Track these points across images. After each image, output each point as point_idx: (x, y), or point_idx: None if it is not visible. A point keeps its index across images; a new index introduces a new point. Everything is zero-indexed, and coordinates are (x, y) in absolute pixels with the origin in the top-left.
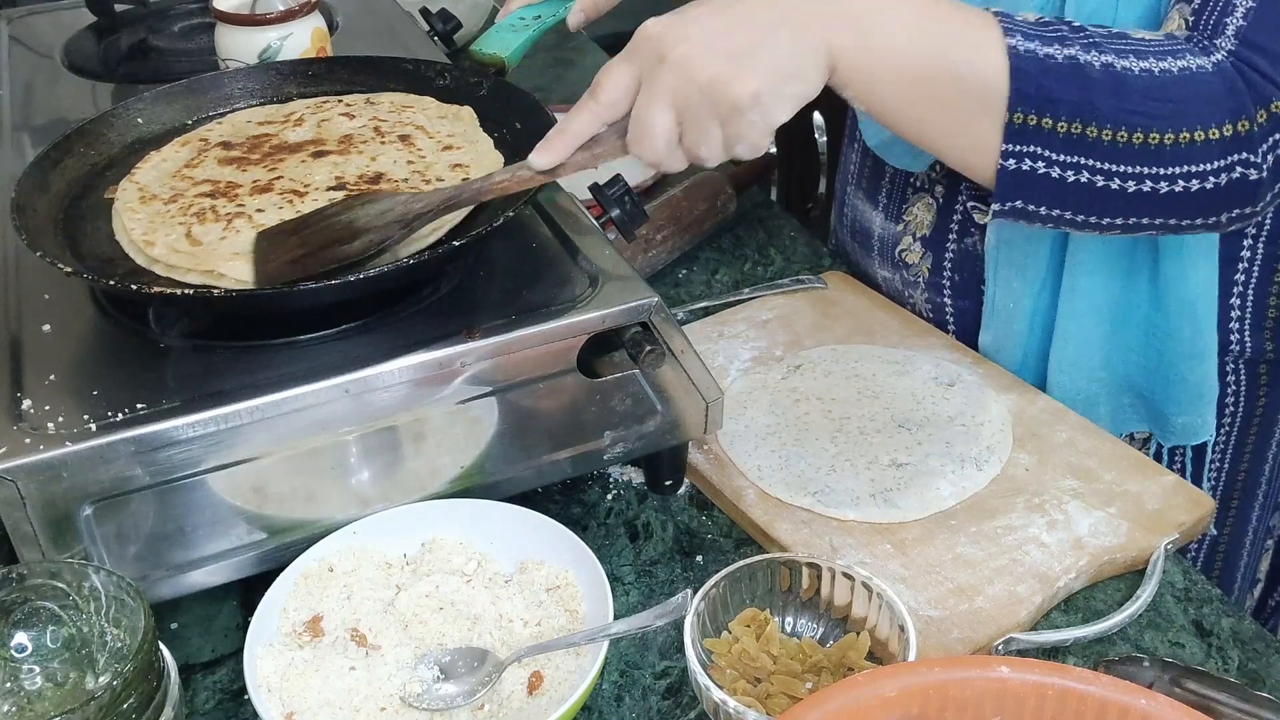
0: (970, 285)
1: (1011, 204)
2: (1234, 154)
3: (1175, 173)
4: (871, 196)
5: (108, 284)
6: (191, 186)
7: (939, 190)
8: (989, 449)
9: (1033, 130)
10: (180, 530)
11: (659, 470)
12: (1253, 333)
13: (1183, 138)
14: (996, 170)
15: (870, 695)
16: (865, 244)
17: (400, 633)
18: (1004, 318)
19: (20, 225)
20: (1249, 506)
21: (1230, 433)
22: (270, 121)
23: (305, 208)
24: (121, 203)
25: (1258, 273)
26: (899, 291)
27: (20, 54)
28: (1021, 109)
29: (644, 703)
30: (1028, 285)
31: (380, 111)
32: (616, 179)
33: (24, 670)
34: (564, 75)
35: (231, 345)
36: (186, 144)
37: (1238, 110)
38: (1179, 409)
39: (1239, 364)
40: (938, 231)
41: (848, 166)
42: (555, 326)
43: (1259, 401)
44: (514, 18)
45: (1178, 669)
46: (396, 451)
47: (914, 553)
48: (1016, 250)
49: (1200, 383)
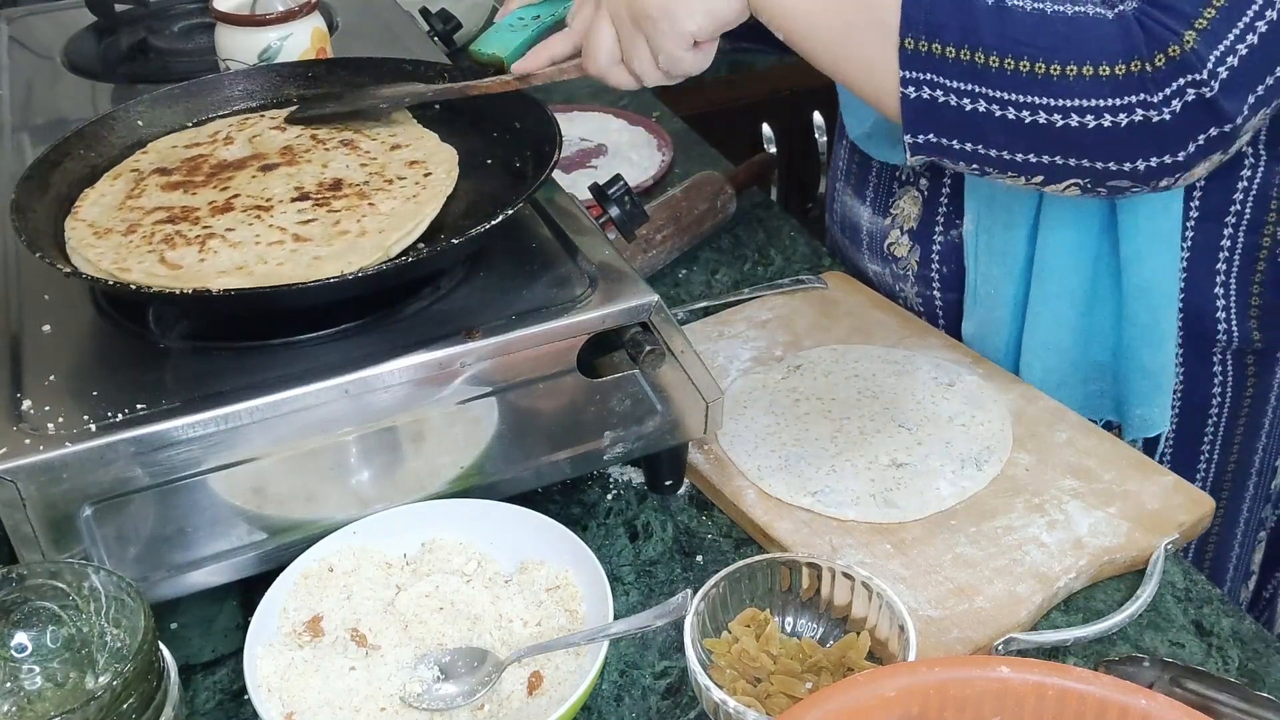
0: (957, 277)
1: (924, 136)
2: (1129, 94)
3: (1068, 105)
4: (859, 191)
5: (108, 284)
6: (144, 216)
7: (923, 183)
8: (989, 449)
9: (925, 56)
10: (180, 531)
11: (659, 470)
12: (1239, 322)
13: (1069, 70)
14: (899, 99)
15: (870, 695)
16: (855, 239)
17: (400, 633)
18: (986, 305)
19: (20, 226)
20: (1239, 499)
21: (1219, 425)
22: (196, 144)
23: (278, 220)
24: (77, 240)
25: (1239, 261)
26: (889, 285)
27: (20, 54)
28: (912, 35)
29: (644, 703)
30: (1007, 272)
31: None
32: (616, 179)
33: (24, 670)
34: None
35: (231, 346)
36: (119, 176)
37: (1130, 51)
38: (1138, 399)
39: (1226, 355)
40: (924, 224)
41: (837, 163)
42: (555, 326)
43: (1246, 392)
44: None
45: (1178, 669)
46: (396, 452)
47: (914, 553)
48: (995, 237)
49: (1158, 371)
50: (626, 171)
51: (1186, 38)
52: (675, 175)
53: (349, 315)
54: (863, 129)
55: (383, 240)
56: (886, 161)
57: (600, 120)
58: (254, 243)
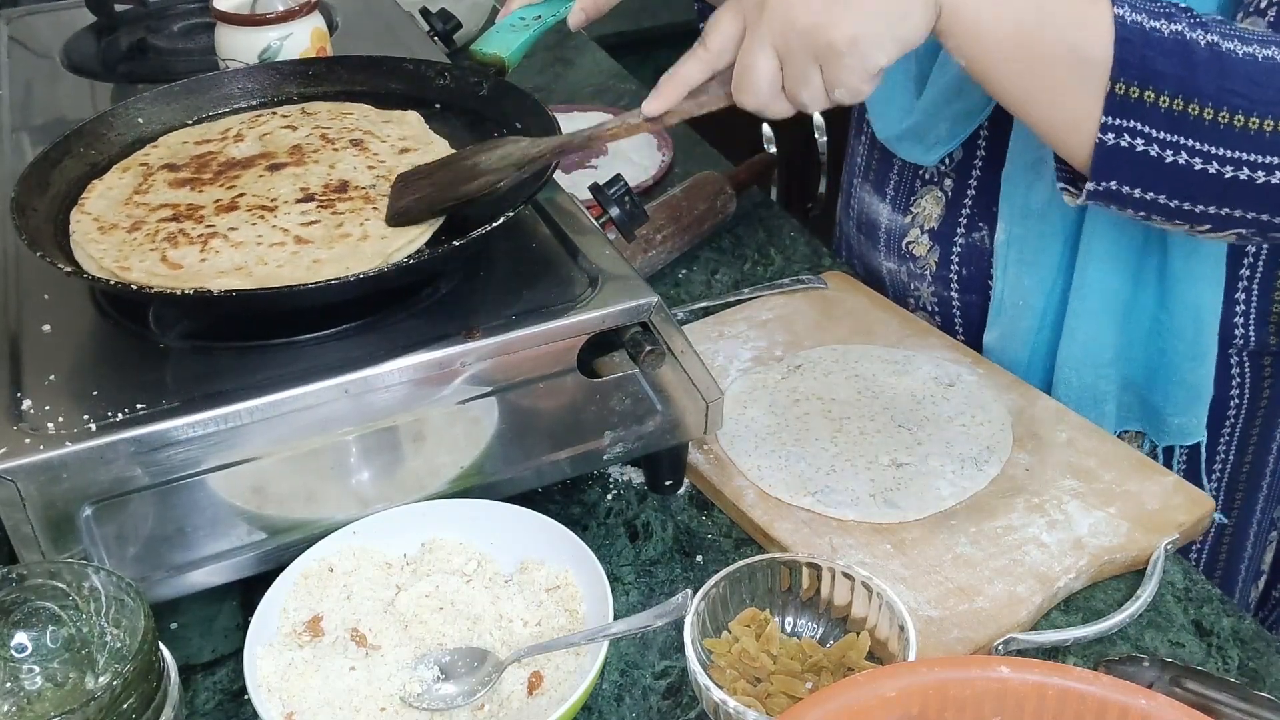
0: (977, 279)
1: (1106, 184)
2: None
3: (1275, 163)
4: (879, 188)
5: (108, 284)
6: (150, 213)
7: (948, 184)
8: (989, 449)
9: (1134, 104)
10: (180, 530)
11: (659, 470)
12: (1257, 327)
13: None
14: (1094, 145)
15: (870, 695)
16: (871, 236)
17: (400, 633)
18: (1012, 315)
19: (20, 225)
20: (1253, 499)
21: (1235, 426)
22: (207, 140)
23: (280, 222)
24: (81, 234)
25: (1263, 267)
26: (904, 284)
27: (20, 54)
28: (1124, 79)
29: (644, 703)
30: (1039, 283)
31: (320, 120)
32: (616, 179)
33: (24, 670)
34: (563, 75)
35: (231, 346)
36: (128, 170)
37: None
38: (1175, 409)
39: (1243, 356)
40: (946, 225)
41: (854, 159)
42: (555, 326)
43: (1263, 394)
44: (514, 17)
45: (1178, 669)
46: (396, 451)
47: (914, 553)
48: (1028, 248)
49: (1198, 384)
50: (626, 171)
51: None
52: (675, 175)
53: (350, 315)
54: (893, 130)
55: (384, 247)
56: (913, 161)
57: (600, 120)
58: (255, 243)
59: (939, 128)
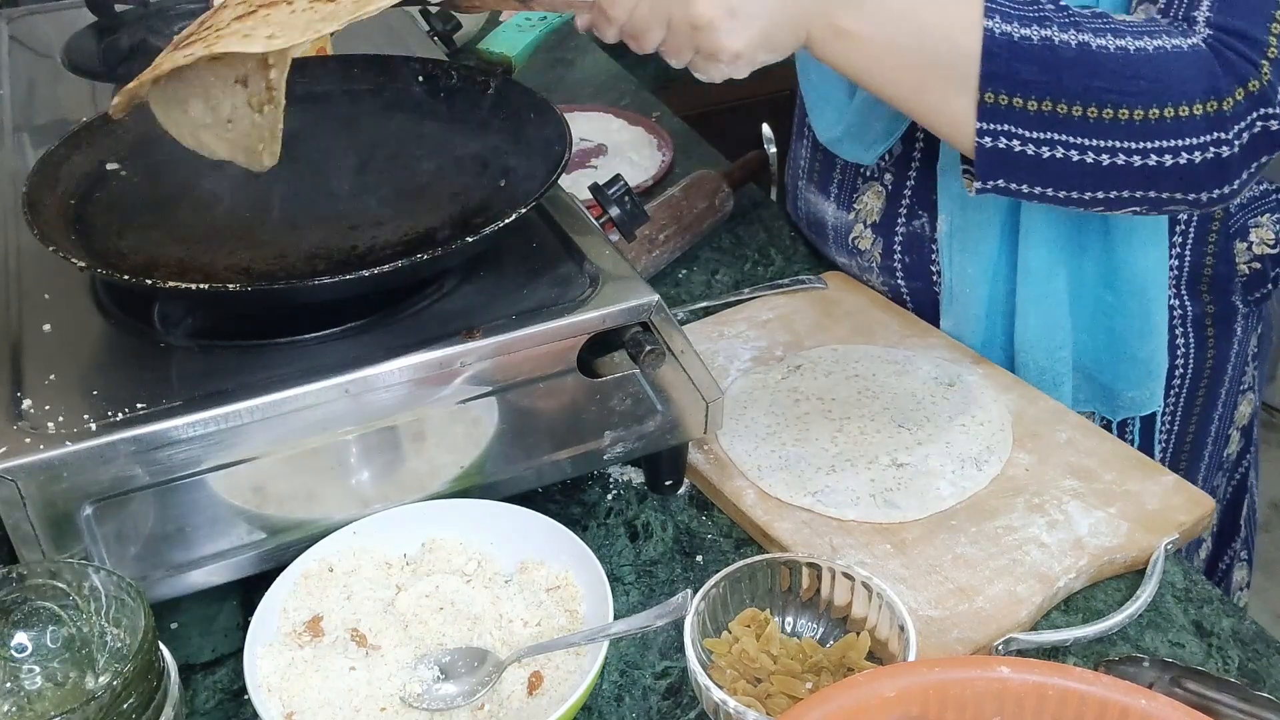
0: (920, 266)
1: (994, 182)
2: (1208, 133)
3: (1149, 147)
4: (824, 188)
5: (122, 279)
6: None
7: (888, 178)
8: (989, 449)
9: (1005, 110)
10: (180, 530)
11: (659, 470)
12: (1190, 296)
13: (1152, 114)
14: (974, 148)
15: (870, 695)
16: (821, 234)
17: (400, 633)
18: (961, 303)
19: (33, 221)
20: (1195, 468)
21: (1179, 395)
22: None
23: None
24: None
25: (1193, 235)
26: (856, 277)
27: (20, 54)
28: (993, 89)
29: (644, 703)
30: (983, 271)
31: None
32: (616, 179)
33: (24, 670)
34: (565, 75)
35: (232, 345)
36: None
37: (1211, 89)
38: (1128, 384)
39: (1186, 326)
40: (886, 217)
41: (798, 161)
42: (555, 326)
43: (1208, 359)
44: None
45: (1178, 669)
46: (396, 451)
47: (914, 553)
48: (969, 237)
49: (1150, 359)
50: (626, 171)
51: (1263, 70)
52: (675, 175)
53: (350, 315)
54: (832, 134)
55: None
56: (853, 161)
57: (600, 120)
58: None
59: (875, 127)
